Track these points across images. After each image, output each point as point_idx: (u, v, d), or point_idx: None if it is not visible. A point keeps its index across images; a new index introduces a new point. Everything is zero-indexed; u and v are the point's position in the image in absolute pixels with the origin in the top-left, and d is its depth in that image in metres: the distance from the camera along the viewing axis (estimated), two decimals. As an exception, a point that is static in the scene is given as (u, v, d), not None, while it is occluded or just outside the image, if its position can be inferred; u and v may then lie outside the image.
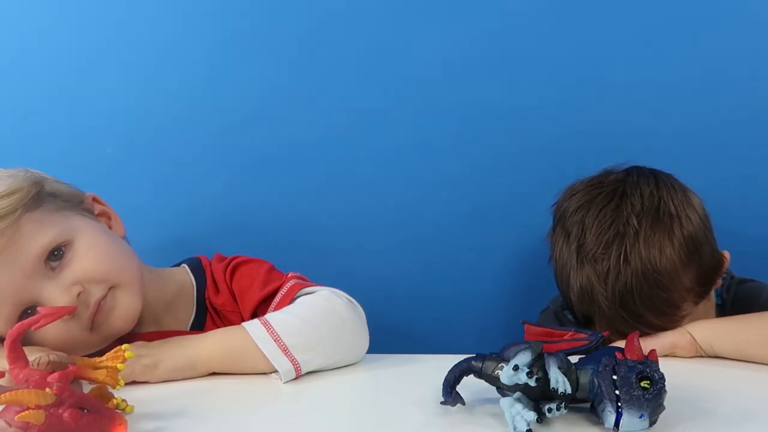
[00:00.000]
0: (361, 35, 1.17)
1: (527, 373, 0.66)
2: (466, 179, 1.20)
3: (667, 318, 0.92)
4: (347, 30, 1.17)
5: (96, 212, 0.93)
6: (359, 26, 1.17)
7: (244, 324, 0.86)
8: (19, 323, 0.70)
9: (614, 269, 0.91)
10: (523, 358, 0.68)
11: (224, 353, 0.85)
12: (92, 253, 0.85)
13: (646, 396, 0.64)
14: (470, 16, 1.17)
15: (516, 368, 0.66)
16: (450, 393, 0.72)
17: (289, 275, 0.95)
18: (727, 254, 1.00)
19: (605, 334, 0.72)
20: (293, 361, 0.82)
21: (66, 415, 0.62)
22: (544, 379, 0.67)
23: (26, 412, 0.60)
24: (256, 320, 0.86)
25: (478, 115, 1.18)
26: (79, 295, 0.82)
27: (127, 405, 0.70)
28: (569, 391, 0.66)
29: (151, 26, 1.15)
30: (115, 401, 0.69)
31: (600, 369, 0.67)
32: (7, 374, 0.69)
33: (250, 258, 0.98)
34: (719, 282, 1.00)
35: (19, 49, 1.15)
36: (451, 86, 1.17)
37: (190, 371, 0.84)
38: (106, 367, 0.71)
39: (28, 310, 0.82)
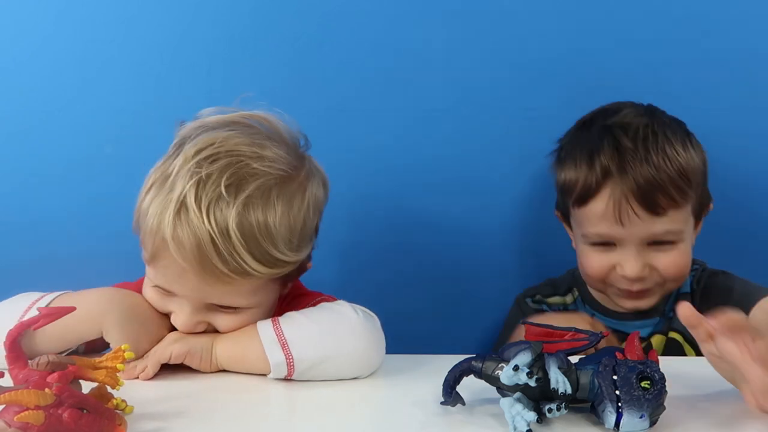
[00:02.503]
0: (361, 35, 1.17)
1: (527, 373, 0.66)
2: (466, 178, 1.20)
3: (676, 204, 0.98)
4: (347, 30, 1.17)
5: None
6: (359, 26, 1.17)
7: (258, 322, 0.88)
8: (19, 323, 0.70)
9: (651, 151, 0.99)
10: (524, 358, 0.68)
11: (235, 347, 0.86)
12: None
13: (647, 396, 0.64)
14: (470, 15, 1.17)
15: (516, 368, 0.66)
16: (450, 393, 0.72)
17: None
18: (712, 205, 1.08)
19: (605, 334, 0.72)
20: (287, 355, 0.82)
21: (65, 415, 0.62)
22: (544, 380, 0.67)
23: (25, 412, 0.60)
24: (269, 318, 0.88)
25: (478, 115, 1.19)
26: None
27: (126, 405, 0.70)
28: (569, 391, 0.66)
29: (152, 26, 1.15)
30: (114, 401, 0.69)
31: (600, 369, 0.67)
32: (6, 374, 0.69)
33: (307, 291, 1.00)
34: (699, 228, 1.06)
35: (19, 50, 1.14)
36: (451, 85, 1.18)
37: (207, 353, 0.86)
38: (106, 368, 0.71)
39: None
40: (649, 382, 0.65)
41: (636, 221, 0.99)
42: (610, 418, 0.65)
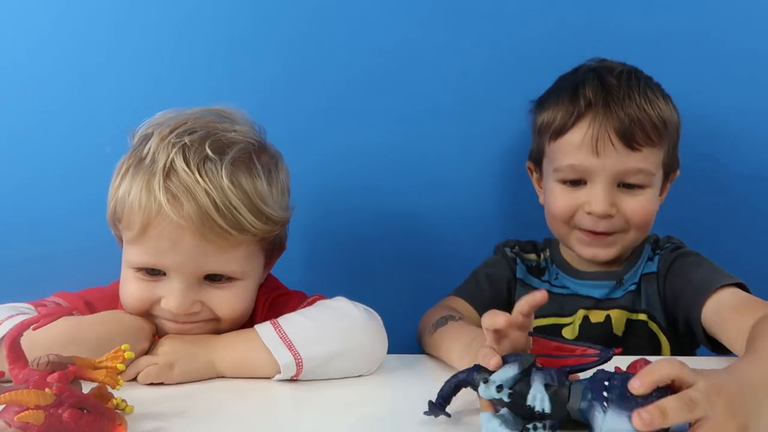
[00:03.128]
0: (362, 35, 1.17)
1: (496, 387, 0.64)
2: (467, 184, 1.20)
3: (652, 143, 1.00)
4: (347, 30, 1.17)
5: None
6: (359, 26, 1.17)
7: (256, 326, 0.87)
8: (19, 323, 0.70)
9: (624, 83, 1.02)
10: (509, 371, 0.65)
11: (234, 354, 0.85)
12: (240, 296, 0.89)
13: (638, 400, 0.59)
14: (471, 16, 1.17)
15: (486, 381, 0.65)
16: (442, 405, 0.70)
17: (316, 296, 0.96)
18: (678, 173, 1.09)
19: (617, 351, 0.67)
20: (296, 355, 0.82)
21: (65, 415, 0.62)
22: (519, 396, 0.64)
23: (26, 412, 0.60)
24: (267, 321, 0.87)
25: (479, 115, 1.19)
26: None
27: (126, 405, 0.70)
28: (547, 409, 0.63)
29: (152, 26, 1.15)
30: (114, 401, 0.69)
31: (593, 380, 0.63)
32: (6, 374, 0.69)
33: (289, 291, 1.00)
34: (664, 194, 1.07)
35: (19, 50, 1.15)
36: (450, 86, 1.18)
37: (204, 373, 0.85)
38: (106, 368, 0.71)
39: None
40: None
41: (611, 153, 0.99)
42: (598, 417, 0.61)
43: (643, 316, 1.05)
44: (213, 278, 0.86)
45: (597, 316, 1.07)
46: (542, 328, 1.07)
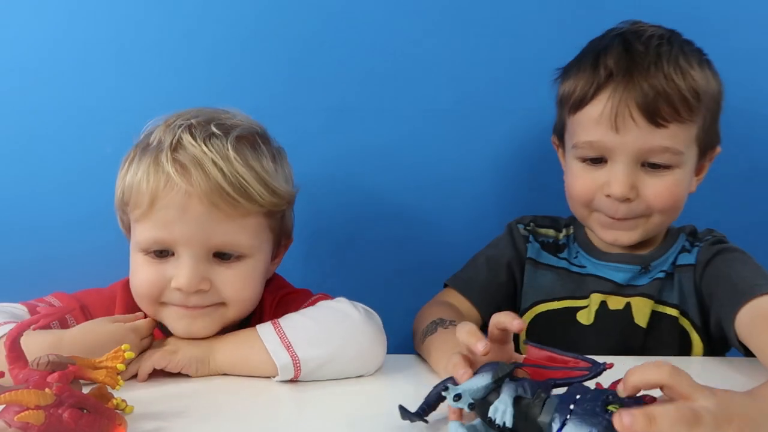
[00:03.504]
0: (361, 35, 1.17)
1: (454, 396, 0.62)
2: (467, 181, 1.20)
3: (680, 119, 0.90)
4: (347, 29, 1.17)
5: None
6: (359, 26, 1.17)
7: (257, 326, 0.87)
8: (19, 323, 0.70)
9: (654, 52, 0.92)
10: (479, 381, 0.63)
11: (235, 353, 0.85)
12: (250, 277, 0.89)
13: (607, 417, 0.54)
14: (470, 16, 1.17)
15: (446, 389, 0.64)
16: (425, 412, 0.69)
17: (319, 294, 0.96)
18: (720, 149, 0.99)
19: (608, 366, 0.61)
20: (294, 357, 0.82)
21: (65, 415, 0.62)
22: (482, 407, 0.62)
23: (26, 412, 0.60)
24: (268, 321, 0.87)
25: (479, 115, 1.19)
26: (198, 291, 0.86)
27: (126, 405, 0.70)
28: (508, 423, 0.59)
29: (152, 26, 1.15)
30: (114, 401, 0.69)
31: (566, 392, 0.59)
32: (6, 374, 0.69)
33: (296, 289, 0.99)
34: (703, 172, 0.99)
35: (19, 50, 1.15)
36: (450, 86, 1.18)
37: (204, 364, 0.85)
38: (106, 367, 0.71)
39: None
40: (617, 407, 0.55)
41: (632, 129, 0.90)
42: (554, 429, 0.56)
43: (673, 311, 0.98)
44: (222, 257, 0.86)
45: (616, 303, 0.99)
46: (556, 312, 1.02)
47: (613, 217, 0.95)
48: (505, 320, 0.70)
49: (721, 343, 0.96)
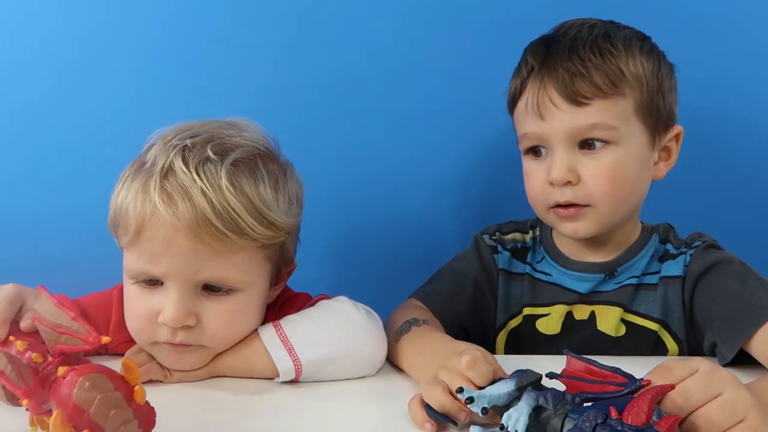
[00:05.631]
0: (361, 35, 1.17)
1: (467, 399, 0.62)
2: (467, 185, 1.21)
3: (602, 94, 0.89)
4: (346, 29, 1.17)
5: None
6: (358, 26, 1.17)
7: (258, 327, 0.86)
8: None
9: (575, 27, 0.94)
10: (503, 387, 0.63)
11: (236, 356, 0.85)
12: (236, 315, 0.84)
13: None
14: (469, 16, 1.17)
15: (460, 391, 0.64)
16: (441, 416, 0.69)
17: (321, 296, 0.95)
18: (681, 128, 0.96)
19: (645, 383, 0.60)
20: (295, 359, 0.82)
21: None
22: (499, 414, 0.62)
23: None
24: (269, 323, 0.86)
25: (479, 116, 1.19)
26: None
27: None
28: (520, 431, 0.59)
29: (152, 26, 1.16)
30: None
31: (578, 424, 0.56)
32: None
33: (296, 293, 0.97)
34: (672, 155, 0.96)
35: (19, 49, 1.15)
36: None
37: (203, 372, 0.85)
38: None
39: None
40: None
41: (556, 114, 0.90)
42: None
43: (653, 325, 0.95)
44: (211, 289, 0.81)
45: (581, 312, 0.98)
46: (520, 324, 1.01)
47: (559, 204, 0.93)
48: (451, 411, 0.69)
49: (700, 352, 0.92)
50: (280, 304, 0.94)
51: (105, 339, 0.60)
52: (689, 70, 1.01)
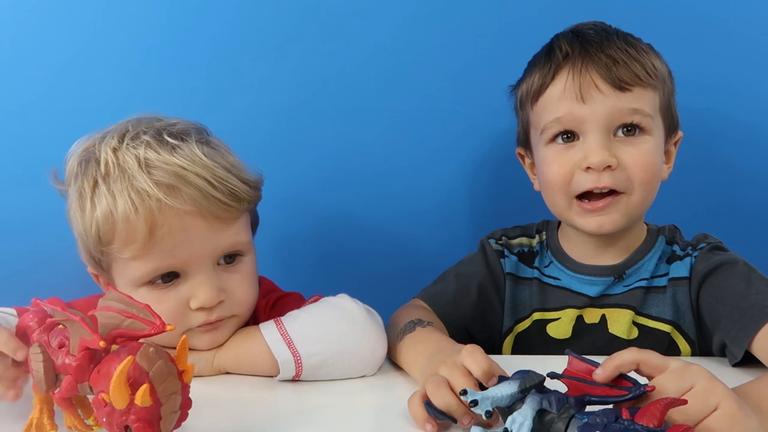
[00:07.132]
0: (361, 35, 1.17)
1: (471, 403, 0.62)
2: (469, 183, 1.20)
3: (641, 82, 0.91)
4: (346, 29, 1.17)
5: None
6: (359, 26, 1.17)
7: (260, 324, 0.87)
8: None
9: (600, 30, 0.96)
10: (506, 388, 0.63)
11: (237, 351, 0.86)
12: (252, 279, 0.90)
13: None
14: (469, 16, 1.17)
15: (464, 393, 0.63)
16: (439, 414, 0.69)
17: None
18: (682, 134, 0.99)
19: (649, 389, 0.61)
20: (295, 353, 0.82)
21: None
22: (507, 417, 0.61)
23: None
24: (271, 320, 0.87)
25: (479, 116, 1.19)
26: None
27: None
28: None
29: (152, 26, 1.16)
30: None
31: (589, 420, 0.55)
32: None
33: (287, 292, 0.99)
34: (671, 158, 0.97)
35: (19, 49, 1.15)
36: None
37: (207, 363, 0.85)
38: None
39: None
40: None
41: (599, 97, 0.90)
42: None
43: (666, 327, 0.95)
44: (227, 260, 0.86)
45: (592, 316, 0.98)
46: (528, 328, 1.01)
47: (593, 191, 0.91)
48: (456, 412, 0.70)
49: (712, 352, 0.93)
50: (272, 304, 0.95)
51: (170, 327, 0.61)
52: (691, 72, 1.03)
